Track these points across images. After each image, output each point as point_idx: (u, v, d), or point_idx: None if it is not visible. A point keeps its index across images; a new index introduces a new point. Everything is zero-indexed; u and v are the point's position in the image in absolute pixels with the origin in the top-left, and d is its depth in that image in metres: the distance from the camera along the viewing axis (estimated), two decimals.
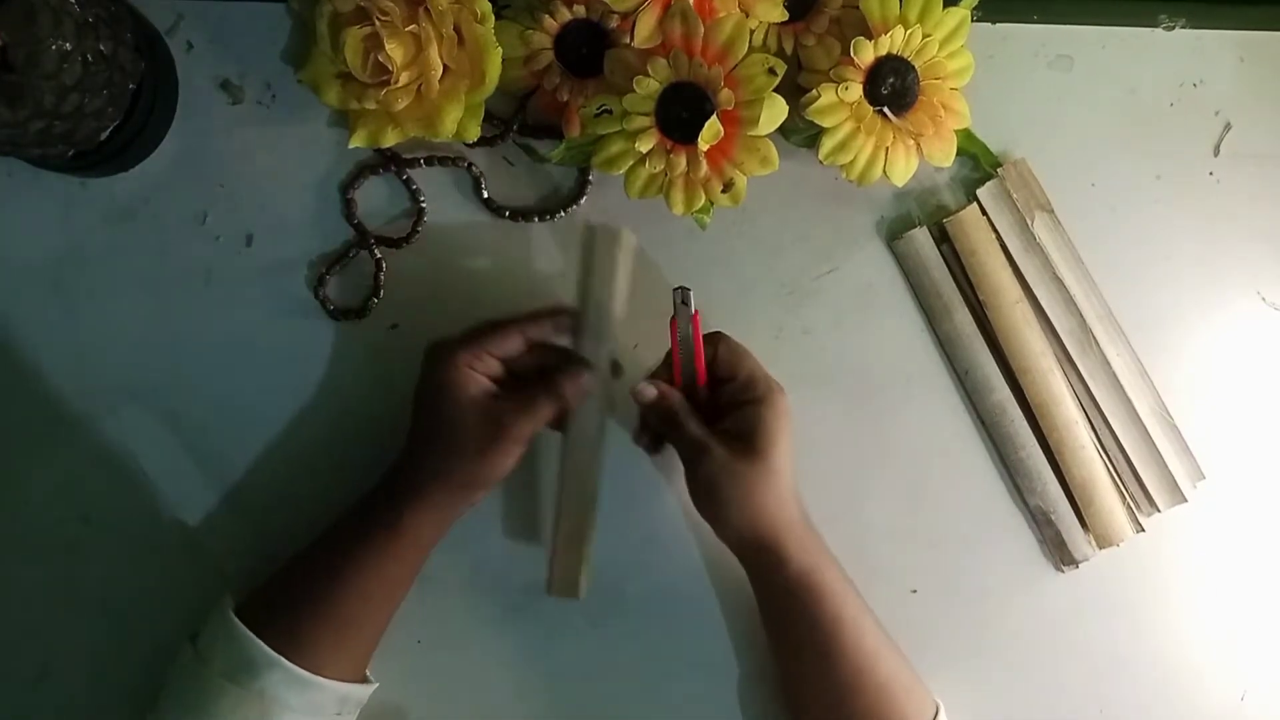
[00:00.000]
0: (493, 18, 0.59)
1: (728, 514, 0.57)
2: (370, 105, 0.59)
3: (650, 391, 0.59)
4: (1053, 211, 0.65)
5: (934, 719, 0.59)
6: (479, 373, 0.58)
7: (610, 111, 0.60)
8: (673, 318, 0.59)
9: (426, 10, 0.58)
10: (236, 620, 0.57)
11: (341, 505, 0.64)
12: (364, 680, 0.61)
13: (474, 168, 0.65)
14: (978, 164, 0.66)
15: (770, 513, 0.57)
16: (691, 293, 0.59)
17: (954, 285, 0.65)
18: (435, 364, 0.58)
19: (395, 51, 0.57)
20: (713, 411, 0.59)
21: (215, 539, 0.65)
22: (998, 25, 0.66)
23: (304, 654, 0.56)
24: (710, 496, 0.57)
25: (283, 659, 0.56)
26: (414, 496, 0.58)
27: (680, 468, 0.60)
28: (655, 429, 0.61)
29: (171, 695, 0.58)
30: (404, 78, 0.58)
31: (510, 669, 0.65)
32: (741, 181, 0.60)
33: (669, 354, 0.60)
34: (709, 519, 0.59)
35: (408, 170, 0.65)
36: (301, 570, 0.59)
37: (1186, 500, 0.65)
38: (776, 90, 0.58)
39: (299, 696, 0.57)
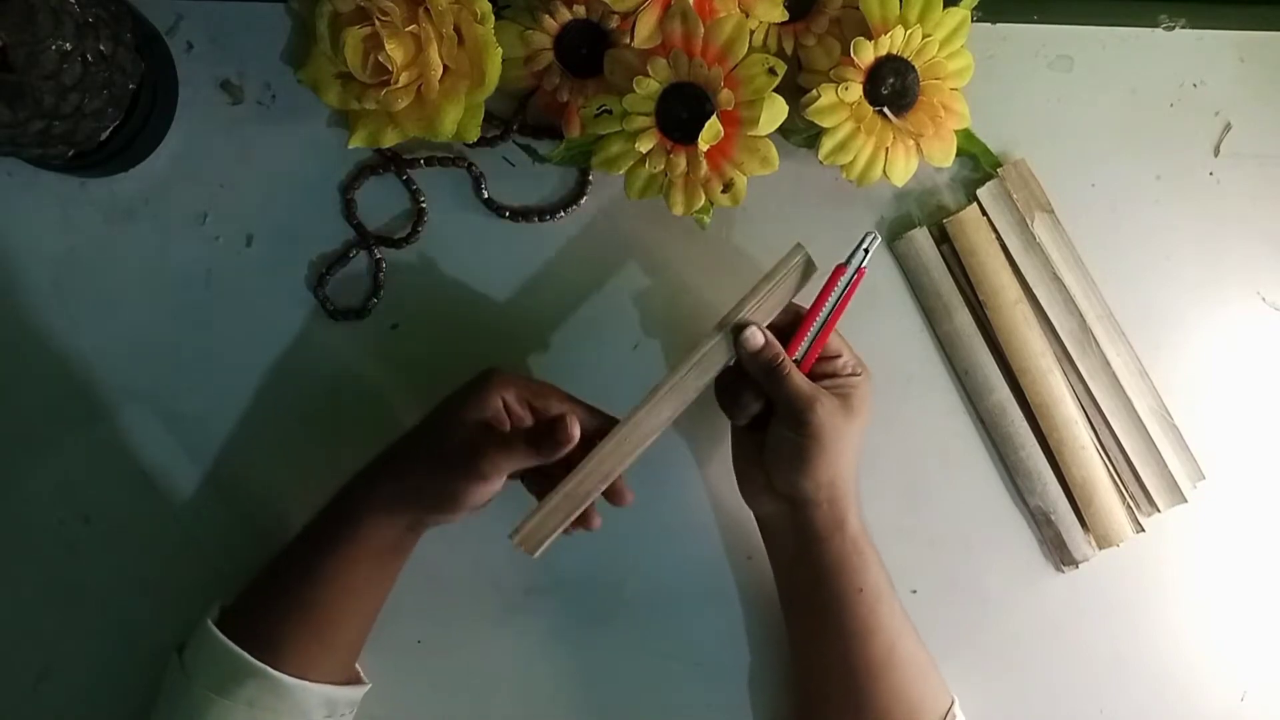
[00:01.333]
0: (493, 18, 0.59)
1: (819, 464, 0.56)
2: (370, 105, 0.59)
3: (759, 338, 0.57)
4: (1053, 211, 0.65)
5: (949, 710, 0.59)
6: (505, 407, 0.58)
7: (610, 111, 0.60)
8: (840, 265, 0.59)
9: (426, 10, 0.58)
10: (217, 632, 0.56)
11: None
12: (355, 680, 0.61)
13: (474, 168, 0.65)
14: (978, 164, 0.66)
15: (851, 470, 0.58)
16: (878, 242, 0.59)
17: (954, 285, 0.65)
18: (477, 380, 0.58)
19: (395, 51, 0.57)
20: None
21: (214, 539, 0.65)
22: (998, 25, 0.66)
23: (286, 659, 0.56)
24: (809, 445, 0.56)
25: (265, 666, 0.55)
26: (372, 502, 0.58)
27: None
28: (755, 377, 0.58)
29: (161, 710, 0.58)
30: (404, 78, 0.58)
31: (510, 669, 0.65)
32: (741, 181, 0.60)
33: (788, 309, 0.60)
34: (794, 471, 0.57)
35: (408, 170, 0.65)
36: (276, 575, 0.59)
37: (1186, 500, 0.65)
38: (776, 90, 0.58)
39: (284, 702, 0.56)
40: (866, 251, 0.59)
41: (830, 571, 0.58)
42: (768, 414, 0.59)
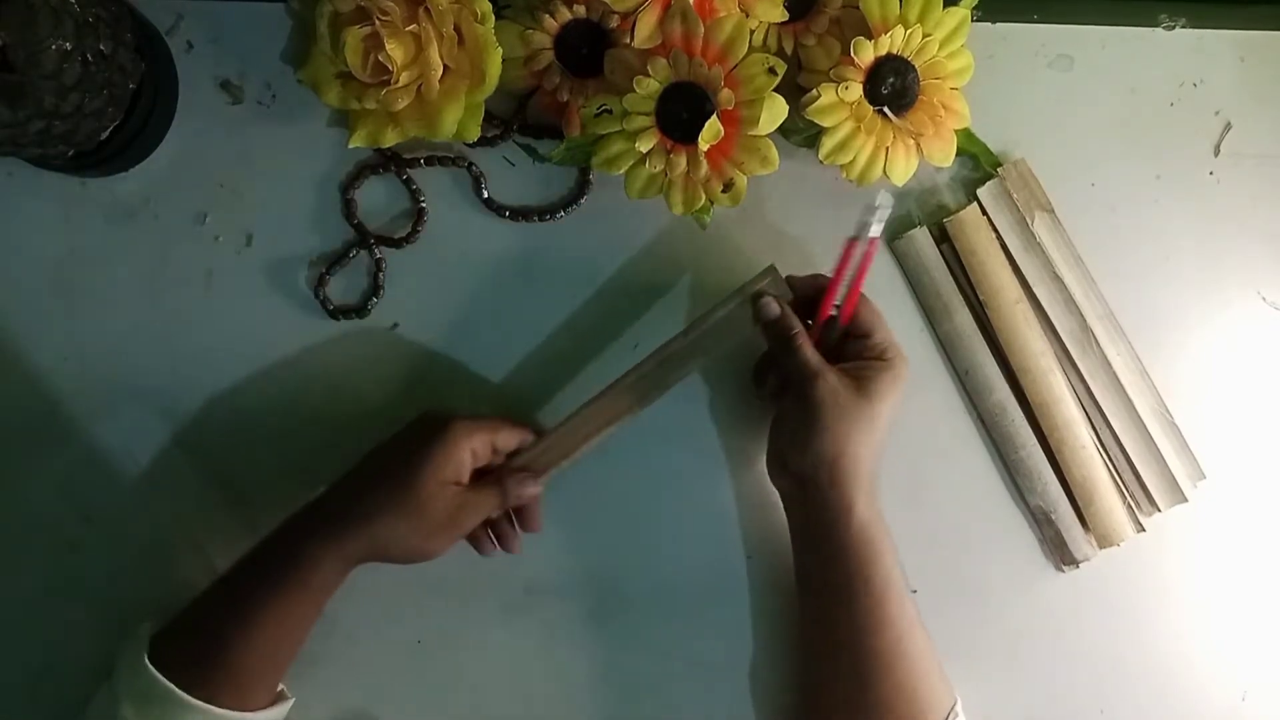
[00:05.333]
0: (493, 18, 0.59)
1: (819, 441, 0.56)
2: (370, 105, 0.59)
3: (774, 308, 0.59)
4: (1053, 211, 0.65)
5: (951, 709, 0.59)
6: (470, 457, 0.58)
7: (610, 111, 0.60)
8: (851, 238, 0.59)
9: (427, 10, 0.58)
10: (153, 670, 0.55)
11: None
12: (280, 698, 0.60)
13: (474, 168, 0.65)
14: (978, 164, 0.66)
15: (857, 455, 0.57)
16: (887, 211, 0.58)
17: (954, 285, 0.65)
18: (434, 434, 0.58)
19: (395, 51, 0.57)
20: (833, 358, 0.59)
21: (214, 539, 0.65)
22: (998, 25, 0.66)
23: (222, 693, 0.55)
24: (810, 419, 0.56)
25: (200, 703, 0.55)
26: (329, 548, 0.57)
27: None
28: (770, 347, 0.60)
29: None
30: (404, 78, 0.58)
31: (510, 669, 0.65)
32: (741, 181, 0.60)
33: (811, 277, 0.60)
34: (796, 446, 0.58)
35: (408, 170, 0.65)
36: (213, 611, 0.58)
37: (1187, 500, 0.65)
38: (776, 90, 0.58)
39: None
40: (875, 219, 0.58)
41: (835, 557, 0.57)
42: None
